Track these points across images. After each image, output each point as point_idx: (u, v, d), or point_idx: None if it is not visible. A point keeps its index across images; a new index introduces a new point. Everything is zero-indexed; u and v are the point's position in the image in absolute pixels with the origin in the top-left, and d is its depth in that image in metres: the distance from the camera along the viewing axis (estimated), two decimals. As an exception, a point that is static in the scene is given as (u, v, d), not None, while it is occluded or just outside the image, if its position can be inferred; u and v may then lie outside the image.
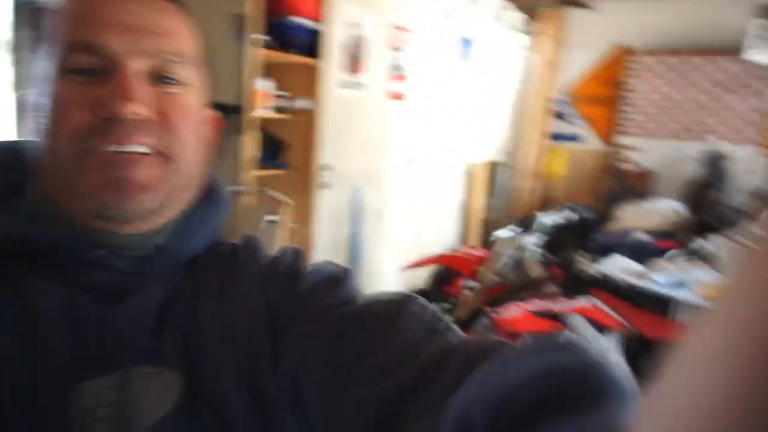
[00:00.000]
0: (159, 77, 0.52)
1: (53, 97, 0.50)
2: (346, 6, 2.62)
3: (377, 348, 0.48)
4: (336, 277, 0.57)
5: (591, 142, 5.63)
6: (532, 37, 5.37)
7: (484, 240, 5.00)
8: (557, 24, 5.43)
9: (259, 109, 2.40)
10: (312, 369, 0.50)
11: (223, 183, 0.64)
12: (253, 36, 2.21)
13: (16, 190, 0.55)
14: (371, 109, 3.02)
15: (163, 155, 0.52)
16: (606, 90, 5.48)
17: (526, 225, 2.29)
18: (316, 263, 0.61)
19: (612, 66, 5.41)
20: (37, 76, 0.52)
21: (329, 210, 2.80)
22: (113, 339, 0.51)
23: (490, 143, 4.81)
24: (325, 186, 2.73)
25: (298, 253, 0.61)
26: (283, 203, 2.27)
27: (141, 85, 0.50)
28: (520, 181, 5.60)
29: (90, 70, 0.50)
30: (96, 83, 0.49)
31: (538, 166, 5.63)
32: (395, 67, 3.17)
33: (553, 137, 5.71)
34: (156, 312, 0.53)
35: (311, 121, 2.61)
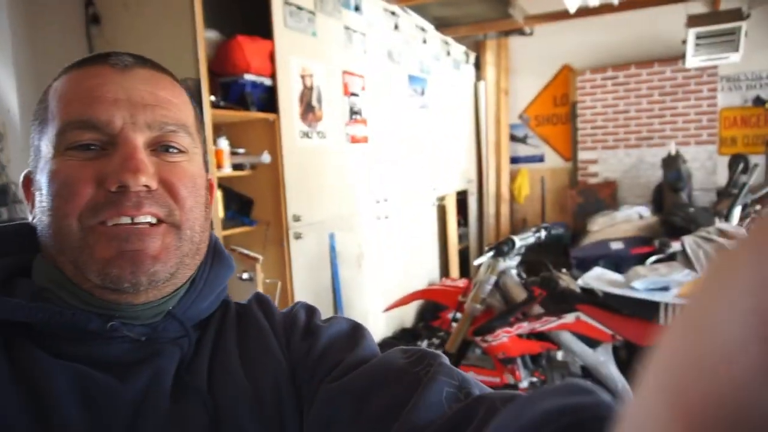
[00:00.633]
0: (159, 147, 0.53)
1: (56, 175, 0.50)
2: (293, 60, 2.67)
3: (402, 409, 0.46)
4: (351, 333, 0.58)
5: (552, 160, 5.77)
6: (480, 68, 5.56)
7: (462, 270, 5.00)
8: (502, 53, 5.64)
9: (219, 170, 2.38)
10: (337, 427, 0.50)
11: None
12: (206, 98, 2.22)
13: (23, 271, 0.55)
14: (334, 156, 3.03)
15: (172, 224, 0.53)
16: (558, 109, 5.67)
17: (502, 249, 2.28)
18: (329, 318, 0.62)
19: (560, 86, 5.62)
20: (38, 154, 0.53)
21: (305, 260, 2.77)
22: (130, 411, 0.49)
23: (455, 174, 4.88)
24: (297, 236, 2.70)
25: (310, 310, 0.63)
26: (254, 260, 2.24)
27: (146, 157, 0.51)
28: (489, 207, 5.67)
29: (91, 145, 0.50)
30: (98, 158, 0.50)
31: (504, 190, 5.73)
32: (354, 112, 3.21)
33: (515, 160, 5.84)
34: (173, 378, 0.52)
35: (276, 175, 2.61)
